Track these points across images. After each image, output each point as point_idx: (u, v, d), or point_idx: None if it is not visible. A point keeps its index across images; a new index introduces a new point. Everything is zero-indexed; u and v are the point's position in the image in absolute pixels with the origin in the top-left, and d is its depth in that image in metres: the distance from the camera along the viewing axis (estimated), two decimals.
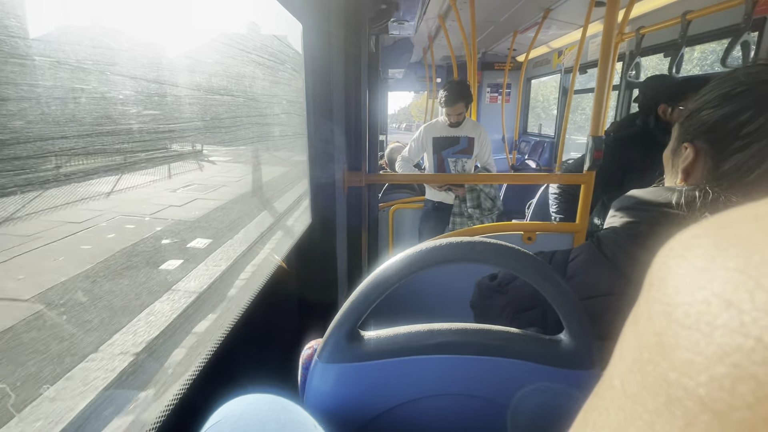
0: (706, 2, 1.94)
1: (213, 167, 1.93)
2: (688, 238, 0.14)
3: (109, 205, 1.09)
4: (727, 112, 0.53)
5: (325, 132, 1.20)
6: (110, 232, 1.08)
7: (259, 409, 0.43)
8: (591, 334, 0.51)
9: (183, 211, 1.64)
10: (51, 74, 0.46)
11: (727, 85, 0.54)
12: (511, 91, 5.31)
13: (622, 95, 3.05)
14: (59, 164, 0.51)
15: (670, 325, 0.12)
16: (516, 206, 3.52)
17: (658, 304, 0.13)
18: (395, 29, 2.73)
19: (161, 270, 1.21)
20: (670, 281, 0.13)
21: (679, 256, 0.13)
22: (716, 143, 0.55)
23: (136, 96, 0.62)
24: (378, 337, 0.54)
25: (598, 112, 1.48)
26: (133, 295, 0.97)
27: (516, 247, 0.48)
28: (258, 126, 1.08)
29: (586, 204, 1.54)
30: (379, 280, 0.49)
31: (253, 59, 0.96)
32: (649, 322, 0.13)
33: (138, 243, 1.18)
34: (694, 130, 0.58)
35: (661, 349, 0.12)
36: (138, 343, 0.74)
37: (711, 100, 0.55)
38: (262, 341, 0.97)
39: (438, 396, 0.55)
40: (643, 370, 0.13)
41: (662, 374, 0.12)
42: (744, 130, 0.51)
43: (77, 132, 0.51)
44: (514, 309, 0.74)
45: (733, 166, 0.53)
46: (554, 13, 3.13)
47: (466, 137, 2.34)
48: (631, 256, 0.60)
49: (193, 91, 0.75)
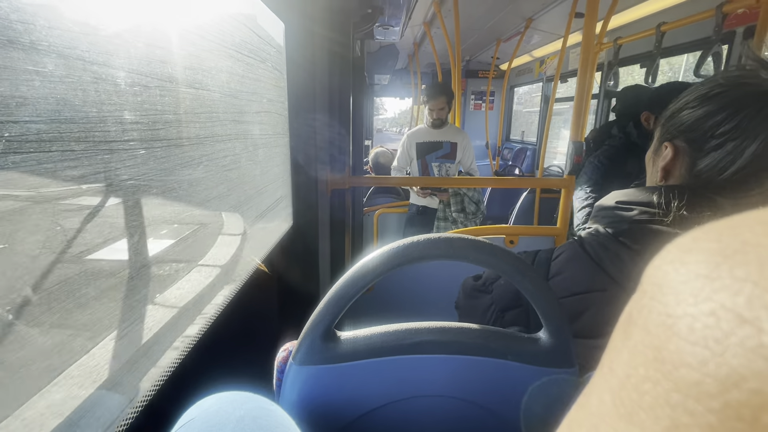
0: (680, 15, 2.02)
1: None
2: (687, 242, 0.13)
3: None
4: (705, 112, 0.55)
5: (308, 134, 1.19)
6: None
7: (235, 406, 0.42)
8: (569, 332, 0.51)
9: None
10: None
11: (707, 86, 0.56)
12: (495, 98, 5.41)
13: (601, 104, 3.13)
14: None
15: (672, 339, 0.11)
16: (499, 212, 3.56)
17: (655, 313, 0.12)
18: (380, 34, 2.74)
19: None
20: (668, 289, 0.12)
21: (677, 261, 0.12)
22: (694, 142, 0.57)
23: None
24: (355, 337, 0.52)
25: (578, 119, 1.51)
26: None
27: (494, 244, 0.48)
28: (235, 123, 1.05)
29: (566, 207, 1.57)
30: (356, 277, 0.48)
31: (230, 54, 0.94)
32: (645, 334, 0.12)
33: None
34: (674, 130, 0.60)
35: (662, 365, 0.11)
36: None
37: (691, 101, 0.58)
38: (240, 344, 0.94)
39: (417, 398, 0.54)
40: (640, 389, 0.11)
41: (663, 395, 0.11)
42: (720, 129, 0.53)
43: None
44: (498, 308, 0.74)
45: (709, 164, 0.55)
46: (536, 23, 3.20)
47: (449, 142, 2.36)
48: (613, 254, 0.61)
49: (164, 82, 0.72)
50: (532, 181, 3.06)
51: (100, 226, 0.63)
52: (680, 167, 0.59)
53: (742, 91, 0.52)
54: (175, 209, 0.84)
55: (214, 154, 0.97)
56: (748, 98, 0.51)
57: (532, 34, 3.56)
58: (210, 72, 0.89)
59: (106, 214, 0.64)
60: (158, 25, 0.72)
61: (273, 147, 1.32)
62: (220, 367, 0.81)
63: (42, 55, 0.48)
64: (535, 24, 3.20)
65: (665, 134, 0.62)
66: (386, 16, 2.32)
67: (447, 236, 0.47)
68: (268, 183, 1.32)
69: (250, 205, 1.22)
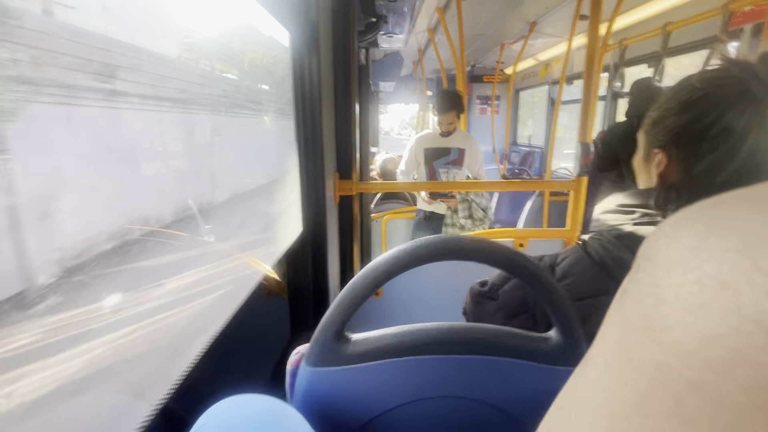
0: (686, 14, 2.01)
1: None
2: (679, 218, 0.13)
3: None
4: (691, 117, 0.54)
5: (315, 141, 1.20)
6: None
7: (249, 408, 0.42)
8: (580, 329, 0.50)
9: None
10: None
11: (685, 92, 0.55)
12: (500, 102, 5.40)
13: (608, 105, 3.11)
14: None
15: (659, 307, 0.12)
16: (507, 216, 3.54)
17: (645, 285, 0.13)
18: (385, 42, 2.77)
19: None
20: (659, 261, 0.13)
21: (668, 236, 0.13)
22: (686, 147, 0.56)
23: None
24: (366, 338, 0.53)
25: (585, 121, 1.51)
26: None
27: (502, 244, 0.48)
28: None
29: (576, 209, 1.56)
30: (367, 278, 0.48)
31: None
32: (636, 303, 0.13)
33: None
34: (662, 137, 0.59)
35: (649, 331, 0.12)
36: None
37: (672, 107, 0.57)
38: (252, 348, 0.95)
39: (429, 399, 0.53)
40: (630, 352, 0.12)
41: (650, 357, 0.11)
42: (710, 132, 0.53)
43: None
44: (505, 314, 0.74)
45: (705, 168, 0.54)
46: (540, 27, 3.21)
47: (457, 148, 2.36)
48: (616, 257, 0.61)
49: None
50: (541, 184, 3.05)
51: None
52: (676, 172, 0.59)
53: (722, 93, 0.52)
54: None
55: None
56: (729, 99, 0.51)
57: (536, 38, 3.56)
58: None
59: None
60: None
61: (284, 157, 1.34)
62: (234, 372, 0.81)
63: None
64: (539, 27, 3.21)
65: (654, 141, 0.61)
66: (390, 24, 2.35)
67: (456, 237, 0.48)
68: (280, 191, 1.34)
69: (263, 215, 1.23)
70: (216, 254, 1.51)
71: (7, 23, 0.68)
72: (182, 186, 1.72)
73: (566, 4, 2.67)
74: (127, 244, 1.06)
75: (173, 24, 0.88)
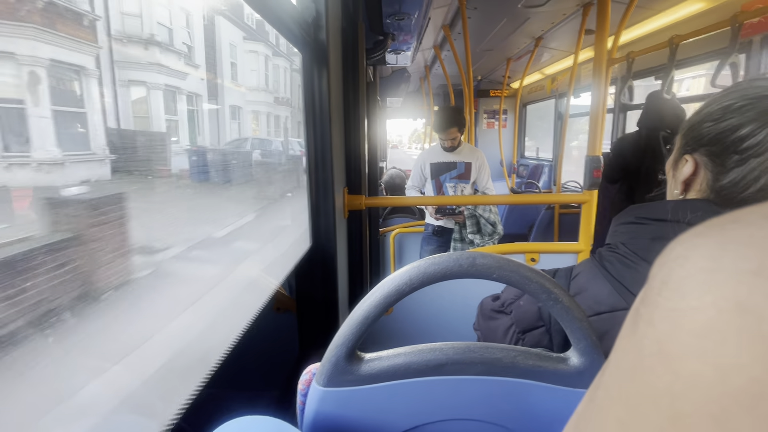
0: (693, 27, 2.01)
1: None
2: (691, 238, 0.13)
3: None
4: (728, 126, 0.53)
5: (324, 157, 1.21)
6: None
7: (255, 431, 0.41)
8: (600, 350, 0.49)
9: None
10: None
11: (731, 98, 0.53)
12: (508, 116, 5.42)
13: (617, 118, 3.10)
14: None
15: (674, 332, 0.11)
16: (517, 230, 3.51)
17: (660, 308, 0.12)
18: (392, 59, 2.82)
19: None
20: (672, 284, 0.12)
21: (681, 257, 0.12)
22: (715, 157, 0.55)
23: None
24: (379, 357, 0.52)
25: (594, 134, 1.50)
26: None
27: (517, 261, 0.48)
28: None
29: (588, 223, 1.54)
30: (379, 297, 0.48)
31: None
32: (650, 328, 0.12)
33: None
34: (695, 143, 0.58)
35: (664, 357, 0.11)
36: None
37: (713, 112, 0.55)
38: (261, 368, 0.94)
39: (444, 422, 0.52)
40: (644, 380, 0.12)
41: (666, 386, 0.11)
42: (743, 144, 0.51)
43: None
44: (519, 329, 0.72)
45: (732, 181, 0.53)
46: (546, 42, 3.24)
47: (463, 162, 2.36)
48: (633, 270, 0.59)
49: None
50: (551, 197, 3.02)
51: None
52: (701, 181, 0.57)
53: (765, 106, 0.50)
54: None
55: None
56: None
57: (542, 52, 3.59)
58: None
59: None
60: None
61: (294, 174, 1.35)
62: (242, 392, 0.80)
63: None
64: (545, 42, 3.24)
65: (685, 146, 0.60)
66: (397, 42, 2.39)
67: (470, 254, 0.47)
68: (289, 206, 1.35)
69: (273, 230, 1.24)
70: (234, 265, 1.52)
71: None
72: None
73: (571, 19, 2.70)
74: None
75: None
